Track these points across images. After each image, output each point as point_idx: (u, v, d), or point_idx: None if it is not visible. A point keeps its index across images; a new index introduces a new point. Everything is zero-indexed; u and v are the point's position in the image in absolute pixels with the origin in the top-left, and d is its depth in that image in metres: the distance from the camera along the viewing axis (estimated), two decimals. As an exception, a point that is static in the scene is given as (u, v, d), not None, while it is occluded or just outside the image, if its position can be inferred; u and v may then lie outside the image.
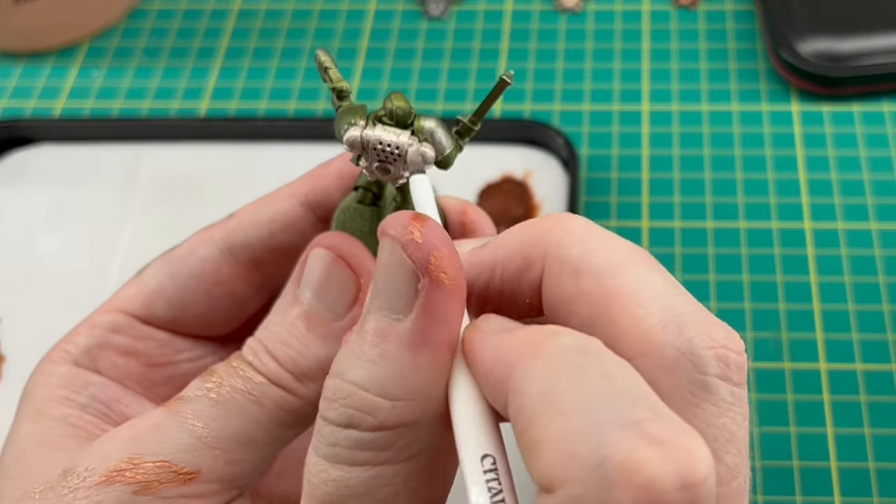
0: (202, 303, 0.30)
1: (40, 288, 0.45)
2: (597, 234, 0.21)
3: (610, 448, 0.16)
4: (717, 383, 0.19)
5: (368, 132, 0.24)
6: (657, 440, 0.16)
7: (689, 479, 0.16)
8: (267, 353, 0.26)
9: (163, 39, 0.54)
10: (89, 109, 0.51)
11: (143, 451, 0.25)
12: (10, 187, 0.48)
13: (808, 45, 0.48)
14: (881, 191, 0.46)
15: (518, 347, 0.18)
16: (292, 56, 0.53)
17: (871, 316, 0.42)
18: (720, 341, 0.19)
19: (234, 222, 0.30)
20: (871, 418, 0.39)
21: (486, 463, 0.18)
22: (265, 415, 0.26)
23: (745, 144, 0.48)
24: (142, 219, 0.47)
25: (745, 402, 0.19)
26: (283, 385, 0.26)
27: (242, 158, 0.48)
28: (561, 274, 0.20)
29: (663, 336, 0.19)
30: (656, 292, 0.20)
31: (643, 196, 0.46)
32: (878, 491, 0.37)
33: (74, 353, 0.29)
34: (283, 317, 0.27)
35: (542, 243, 0.21)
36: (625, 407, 0.16)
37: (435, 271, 0.20)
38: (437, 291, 0.20)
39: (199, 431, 0.25)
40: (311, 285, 0.27)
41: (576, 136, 0.48)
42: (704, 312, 0.20)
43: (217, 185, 0.48)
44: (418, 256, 0.20)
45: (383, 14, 0.55)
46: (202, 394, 0.26)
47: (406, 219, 0.20)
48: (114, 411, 0.28)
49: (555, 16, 0.54)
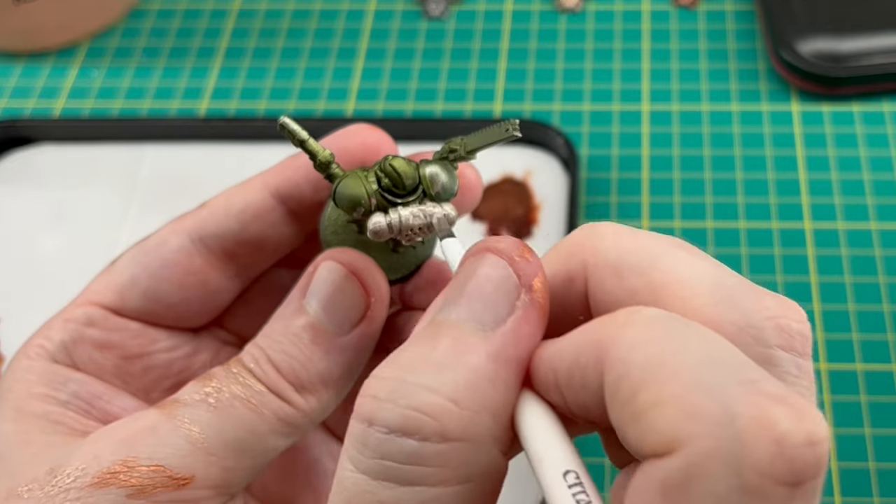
0: (176, 294, 0.29)
1: (40, 288, 0.45)
2: (628, 234, 0.21)
3: (739, 405, 0.16)
4: (781, 355, 0.18)
5: (394, 219, 0.25)
6: (781, 399, 0.16)
7: (816, 435, 0.16)
8: (269, 362, 0.26)
9: (163, 39, 0.54)
10: (89, 109, 0.51)
11: (138, 455, 0.24)
12: (10, 187, 0.48)
13: (808, 45, 0.48)
14: (881, 191, 0.46)
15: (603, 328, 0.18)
16: (292, 56, 0.53)
17: (871, 316, 0.42)
18: (776, 311, 0.19)
19: (206, 212, 0.30)
20: (871, 418, 0.39)
21: (569, 478, 0.18)
22: (263, 424, 0.26)
23: (745, 144, 0.48)
24: (142, 219, 0.47)
25: (809, 372, 0.19)
26: (282, 396, 0.26)
27: (242, 158, 0.48)
28: (603, 279, 0.20)
29: (718, 312, 0.19)
30: (699, 272, 0.19)
31: (643, 196, 0.46)
32: (878, 491, 0.37)
33: (51, 348, 0.28)
34: (286, 326, 0.26)
35: (578, 255, 0.21)
36: (736, 366, 0.16)
37: (538, 294, 0.20)
38: (534, 311, 0.20)
39: (195, 436, 0.25)
40: (318, 298, 0.26)
41: (576, 136, 0.48)
42: (752, 284, 0.19)
43: (217, 185, 0.47)
44: (527, 273, 0.20)
45: (383, 14, 0.55)
46: (200, 398, 0.25)
47: (518, 242, 0.21)
48: (95, 408, 0.28)
49: (555, 16, 0.54)
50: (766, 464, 0.15)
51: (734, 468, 0.15)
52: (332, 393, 0.27)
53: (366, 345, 0.27)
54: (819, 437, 0.16)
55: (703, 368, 0.16)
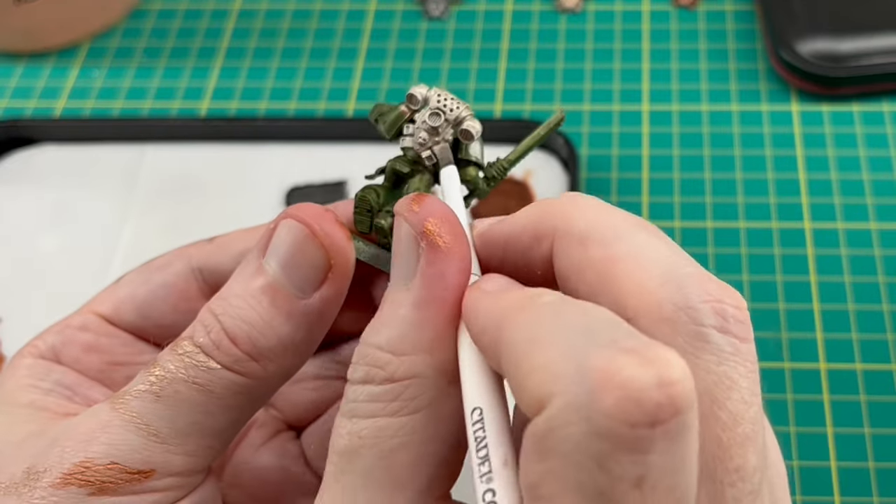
0: (168, 315, 0.30)
1: (41, 288, 0.45)
2: (601, 207, 0.22)
3: (591, 361, 0.17)
4: (714, 334, 0.20)
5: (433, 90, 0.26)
6: (634, 351, 0.17)
7: (666, 377, 0.17)
8: (222, 331, 0.25)
9: (163, 39, 0.54)
10: (90, 109, 0.51)
11: (94, 454, 0.24)
12: (10, 187, 0.48)
13: (808, 45, 0.49)
14: (881, 191, 0.46)
15: (506, 308, 0.20)
16: (292, 56, 0.53)
17: (871, 316, 0.42)
18: (716, 296, 0.20)
19: (211, 247, 0.30)
20: (870, 418, 0.39)
21: (474, 415, 0.20)
22: (216, 402, 0.25)
23: (745, 144, 0.48)
24: (142, 219, 0.47)
25: (748, 355, 0.20)
26: (236, 368, 0.25)
27: (242, 158, 0.48)
28: (569, 245, 0.22)
29: (661, 293, 0.20)
30: (657, 255, 0.21)
31: (643, 196, 0.46)
32: (878, 491, 0.37)
33: (42, 348, 0.29)
34: (244, 287, 0.25)
35: (550, 219, 0.22)
36: (604, 332, 0.18)
37: (431, 235, 0.22)
38: (433, 252, 0.22)
39: (146, 430, 0.24)
40: (278, 258, 0.25)
41: (576, 136, 0.48)
42: (704, 272, 0.20)
43: (217, 185, 0.48)
44: (415, 221, 0.22)
45: (383, 14, 0.55)
46: (146, 388, 0.25)
47: (409, 197, 0.23)
48: (77, 394, 0.28)
49: (555, 16, 0.54)
50: (612, 407, 0.17)
51: (585, 415, 0.17)
52: (293, 358, 0.26)
53: (329, 308, 0.26)
54: (669, 378, 0.17)
55: (572, 338, 0.18)
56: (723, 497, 0.19)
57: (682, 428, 0.17)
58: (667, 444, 0.17)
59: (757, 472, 0.19)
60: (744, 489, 0.19)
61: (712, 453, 0.19)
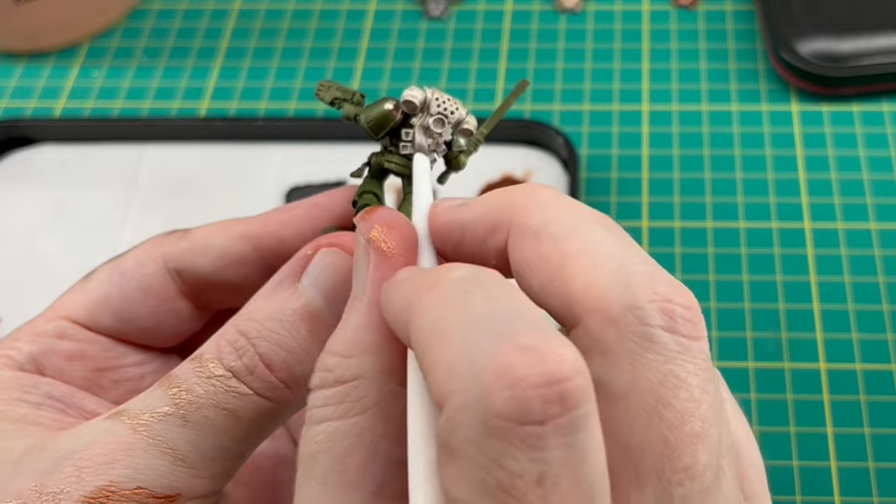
0: (147, 318, 0.29)
1: (41, 288, 0.45)
2: (559, 202, 0.22)
3: (485, 358, 0.17)
4: (661, 333, 0.19)
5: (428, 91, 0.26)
6: (527, 347, 0.17)
7: (556, 375, 0.17)
8: (257, 357, 0.25)
9: (163, 39, 0.54)
10: (90, 109, 0.51)
11: (118, 479, 0.24)
12: (10, 187, 0.48)
13: (808, 45, 0.49)
14: (881, 191, 0.46)
15: (417, 286, 0.20)
16: (292, 56, 0.53)
17: (870, 316, 0.42)
18: (664, 295, 0.20)
19: (186, 244, 0.29)
20: (870, 418, 0.39)
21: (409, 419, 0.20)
22: (244, 428, 0.25)
23: (745, 144, 0.48)
24: (142, 219, 0.47)
25: (697, 353, 0.20)
26: (269, 396, 0.25)
27: (243, 158, 0.48)
28: (524, 238, 0.21)
29: (610, 293, 0.20)
30: (610, 253, 0.20)
31: (643, 196, 0.46)
32: (878, 491, 0.37)
33: (19, 359, 0.28)
34: (279, 311, 0.25)
35: (508, 211, 0.22)
36: (502, 323, 0.18)
37: (376, 241, 0.23)
38: (378, 257, 0.22)
39: (172, 454, 0.24)
40: (318, 286, 0.25)
41: (576, 136, 0.48)
42: (656, 271, 0.20)
43: (217, 185, 0.48)
44: (364, 229, 0.23)
45: (383, 14, 0.55)
46: (172, 412, 0.24)
47: (363, 211, 0.24)
48: (70, 406, 0.27)
49: (555, 16, 0.54)
50: (502, 407, 0.17)
51: (480, 415, 0.17)
52: None
53: None
54: (557, 376, 0.17)
55: (472, 328, 0.18)
56: (670, 496, 0.19)
57: (576, 422, 0.17)
58: (563, 440, 0.17)
59: (708, 470, 0.19)
60: (693, 488, 0.19)
61: (660, 452, 0.19)
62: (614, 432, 0.19)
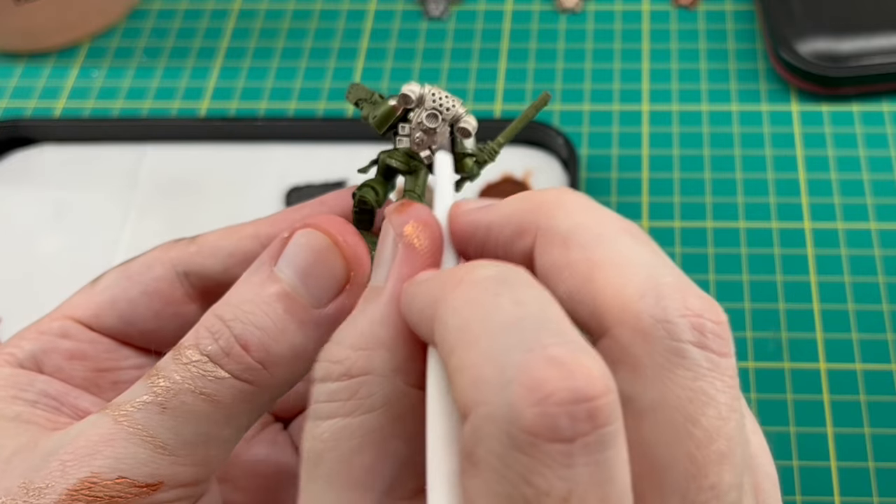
0: (151, 320, 0.29)
1: (41, 288, 0.45)
2: (588, 207, 0.22)
3: (515, 370, 0.17)
4: (691, 349, 0.19)
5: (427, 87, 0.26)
6: (558, 361, 0.17)
7: (586, 392, 0.17)
8: (232, 338, 0.24)
9: (163, 39, 0.54)
10: (90, 110, 0.51)
11: (100, 469, 0.24)
12: (10, 187, 0.48)
13: (808, 45, 0.49)
14: (881, 191, 0.46)
15: (443, 283, 0.20)
16: (292, 56, 0.53)
17: (870, 316, 0.42)
18: (695, 310, 0.19)
19: (194, 248, 0.29)
20: (870, 418, 0.39)
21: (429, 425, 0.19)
22: (222, 411, 0.24)
23: (745, 144, 0.48)
24: (142, 219, 0.47)
25: (726, 370, 0.19)
26: (246, 378, 0.24)
27: (242, 158, 0.48)
28: (551, 244, 0.21)
29: (640, 305, 0.19)
30: (640, 263, 0.20)
31: (643, 196, 0.46)
32: (878, 491, 0.37)
33: (20, 356, 0.28)
34: (255, 293, 0.25)
35: (535, 214, 0.22)
36: (531, 332, 0.17)
37: (409, 237, 0.22)
38: (408, 252, 0.22)
39: (152, 443, 0.24)
40: (294, 266, 0.25)
41: (576, 136, 0.48)
42: (686, 284, 0.20)
43: (217, 185, 0.48)
44: (397, 223, 0.22)
45: (383, 14, 0.55)
46: (150, 399, 0.24)
47: (397, 203, 0.23)
48: (65, 405, 0.27)
49: (555, 16, 0.54)
50: (531, 423, 0.17)
51: (506, 430, 0.17)
52: (301, 366, 0.25)
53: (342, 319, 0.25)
54: (587, 394, 0.17)
55: (500, 335, 0.18)
56: None
57: (604, 440, 0.17)
58: (591, 458, 0.17)
59: (733, 490, 0.19)
60: None
61: (685, 471, 0.19)
62: (639, 448, 0.19)
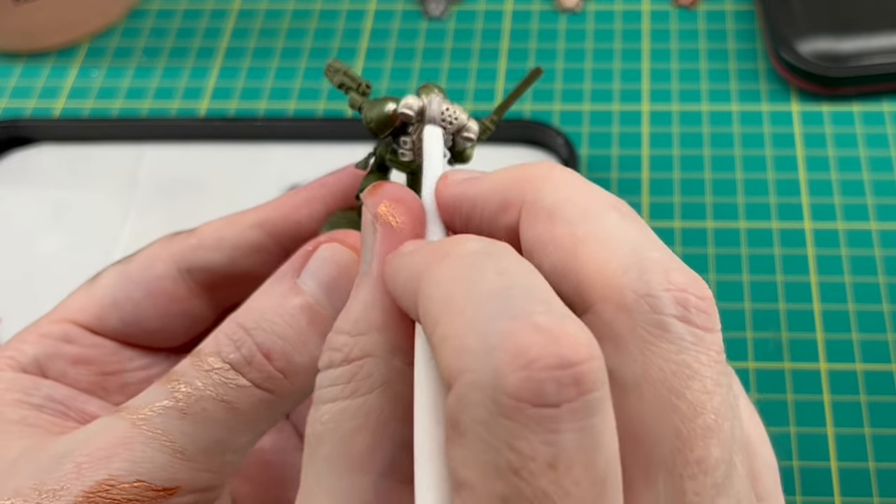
0: (157, 319, 0.29)
1: (41, 288, 0.45)
2: (575, 182, 0.21)
3: (499, 337, 0.17)
4: (674, 322, 0.19)
5: (425, 99, 0.25)
6: (543, 328, 0.17)
7: (571, 358, 0.17)
8: (255, 347, 0.25)
9: (163, 39, 0.54)
10: (89, 109, 0.51)
11: (118, 472, 0.24)
12: (10, 187, 0.48)
13: (808, 45, 0.49)
14: (881, 191, 0.46)
15: (427, 257, 0.20)
16: (292, 56, 0.53)
17: (871, 316, 0.42)
18: (679, 285, 0.19)
19: (195, 241, 0.29)
20: (871, 418, 0.39)
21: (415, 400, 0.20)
22: (241, 420, 0.25)
23: (745, 144, 0.48)
24: (142, 219, 0.47)
25: (711, 345, 0.19)
26: (266, 387, 0.25)
27: (242, 158, 0.48)
28: (536, 218, 0.21)
29: (623, 279, 0.19)
30: (625, 239, 0.20)
31: (643, 196, 0.46)
32: (878, 491, 0.37)
33: (23, 361, 0.27)
34: (278, 304, 0.25)
35: (521, 188, 0.22)
36: (516, 301, 0.17)
37: (384, 216, 0.22)
38: (386, 231, 0.22)
39: (171, 447, 0.24)
40: (318, 279, 0.25)
41: (576, 136, 0.48)
42: (671, 259, 0.20)
43: (217, 185, 0.48)
44: (371, 204, 0.22)
45: (383, 14, 0.55)
46: (171, 405, 0.24)
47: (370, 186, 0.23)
48: (72, 409, 0.27)
49: (555, 16, 0.54)
50: (515, 388, 0.16)
51: (491, 396, 0.17)
52: None
53: None
54: (572, 360, 0.17)
55: (484, 304, 0.17)
56: (682, 490, 0.18)
57: (591, 406, 0.17)
58: (577, 424, 0.17)
59: (721, 464, 0.19)
60: (705, 482, 0.18)
61: (671, 444, 0.18)
62: (624, 423, 0.18)
